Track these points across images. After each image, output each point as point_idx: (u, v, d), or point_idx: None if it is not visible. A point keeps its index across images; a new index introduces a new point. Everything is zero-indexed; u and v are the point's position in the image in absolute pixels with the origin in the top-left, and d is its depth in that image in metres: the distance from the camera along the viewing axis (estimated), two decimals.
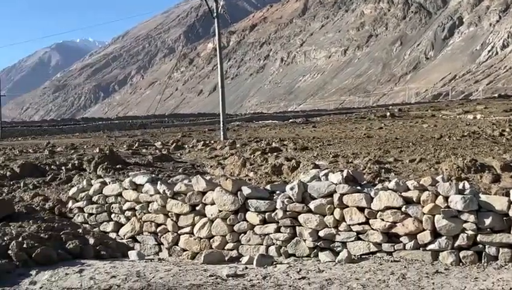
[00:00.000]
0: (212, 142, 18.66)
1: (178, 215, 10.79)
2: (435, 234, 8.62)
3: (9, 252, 9.56)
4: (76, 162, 15.13)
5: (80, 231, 11.14)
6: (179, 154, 16.23)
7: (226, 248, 10.22)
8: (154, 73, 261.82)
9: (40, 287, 8.45)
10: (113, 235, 11.52)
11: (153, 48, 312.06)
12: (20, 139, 49.76)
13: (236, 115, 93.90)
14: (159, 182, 11.14)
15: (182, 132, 39.52)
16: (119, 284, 8.52)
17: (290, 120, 62.35)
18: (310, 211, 9.51)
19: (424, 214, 8.66)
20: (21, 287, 8.47)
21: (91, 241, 10.72)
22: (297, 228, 9.64)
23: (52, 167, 14.84)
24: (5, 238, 10.00)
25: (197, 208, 10.62)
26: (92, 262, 9.92)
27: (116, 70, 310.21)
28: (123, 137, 31.07)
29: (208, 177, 11.16)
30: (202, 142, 19.14)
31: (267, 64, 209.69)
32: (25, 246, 9.78)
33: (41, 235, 10.36)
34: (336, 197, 9.37)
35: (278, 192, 10.04)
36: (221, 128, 23.50)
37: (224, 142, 18.05)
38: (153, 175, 11.86)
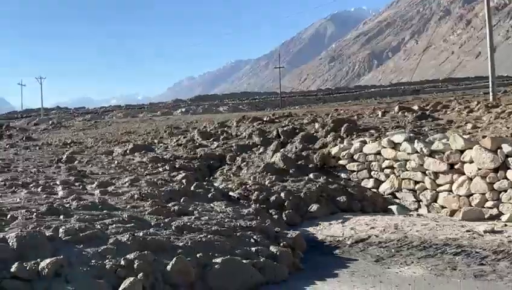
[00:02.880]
0: (476, 103, 18.06)
1: (436, 173, 10.93)
2: None
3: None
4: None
5: (349, 189, 11.95)
6: (436, 115, 16.15)
7: (485, 205, 10.11)
8: (428, 37, 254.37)
9: (307, 235, 9.42)
10: (373, 191, 12.08)
11: (428, 12, 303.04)
12: (297, 107, 53.05)
13: None
14: (416, 141, 11.38)
15: (455, 96, 38.34)
16: (377, 235, 9.17)
17: None
18: None
19: None
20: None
21: (357, 196, 11.57)
22: None
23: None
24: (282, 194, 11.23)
25: (455, 166, 10.64)
26: (354, 215, 10.78)
27: (390, 37, 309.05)
28: (393, 103, 31.48)
29: (466, 136, 11.03)
30: (463, 104, 18.71)
31: None
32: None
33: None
34: None
35: None
36: (490, 91, 22.62)
37: (488, 104, 17.36)
38: (411, 134, 12.08)
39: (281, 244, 7.49)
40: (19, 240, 5.51)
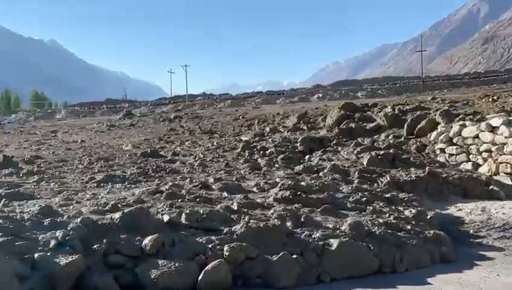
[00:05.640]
0: None
1: None
2: None
3: None
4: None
5: (457, 175, 11.90)
6: None
7: None
8: None
9: None
10: (472, 174, 11.97)
11: None
12: (436, 92, 51.47)
13: None
14: None
15: None
16: (463, 217, 9.28)
17: None
18: None
19: None
20: None
21: (455, 181, 11.49)
22: None
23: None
24: None
25: None
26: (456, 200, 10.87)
27: None
28: None
29: None
30: None
31: None
32: None
33: None
34: None
35: None
36: None
37: None
38: (510, 118, 11.85)
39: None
40: (125, 219, 5.93)
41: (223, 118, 29.22)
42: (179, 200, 7.60)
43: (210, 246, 5.59)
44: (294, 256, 5.71)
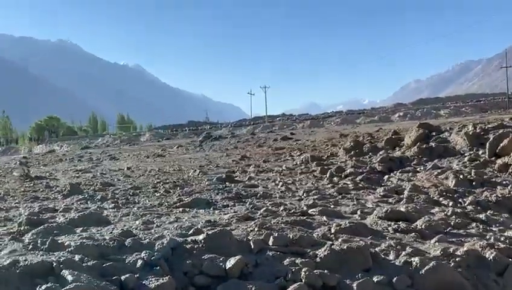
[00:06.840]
0: None
1: None
2: None
3: None
4: None
5: None
6: None
7: None
8: None
9: None
10: None
11: None
12: None
13: None
14: None
15: None
16: None
17: None
18: None
19: None
20: None
21: None
22: None
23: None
24: None
25: None
26: None
27: None
28: None
29: None
30: None
31: None
32: None
33: None
34: None
35: None
36: None
37: None
38: None
39: None
40: (209, 240, 5.91)
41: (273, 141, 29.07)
42: (271, 223, 7.45)
43: (293, 269, 5.46)
44: (379, 282, 5.39)
